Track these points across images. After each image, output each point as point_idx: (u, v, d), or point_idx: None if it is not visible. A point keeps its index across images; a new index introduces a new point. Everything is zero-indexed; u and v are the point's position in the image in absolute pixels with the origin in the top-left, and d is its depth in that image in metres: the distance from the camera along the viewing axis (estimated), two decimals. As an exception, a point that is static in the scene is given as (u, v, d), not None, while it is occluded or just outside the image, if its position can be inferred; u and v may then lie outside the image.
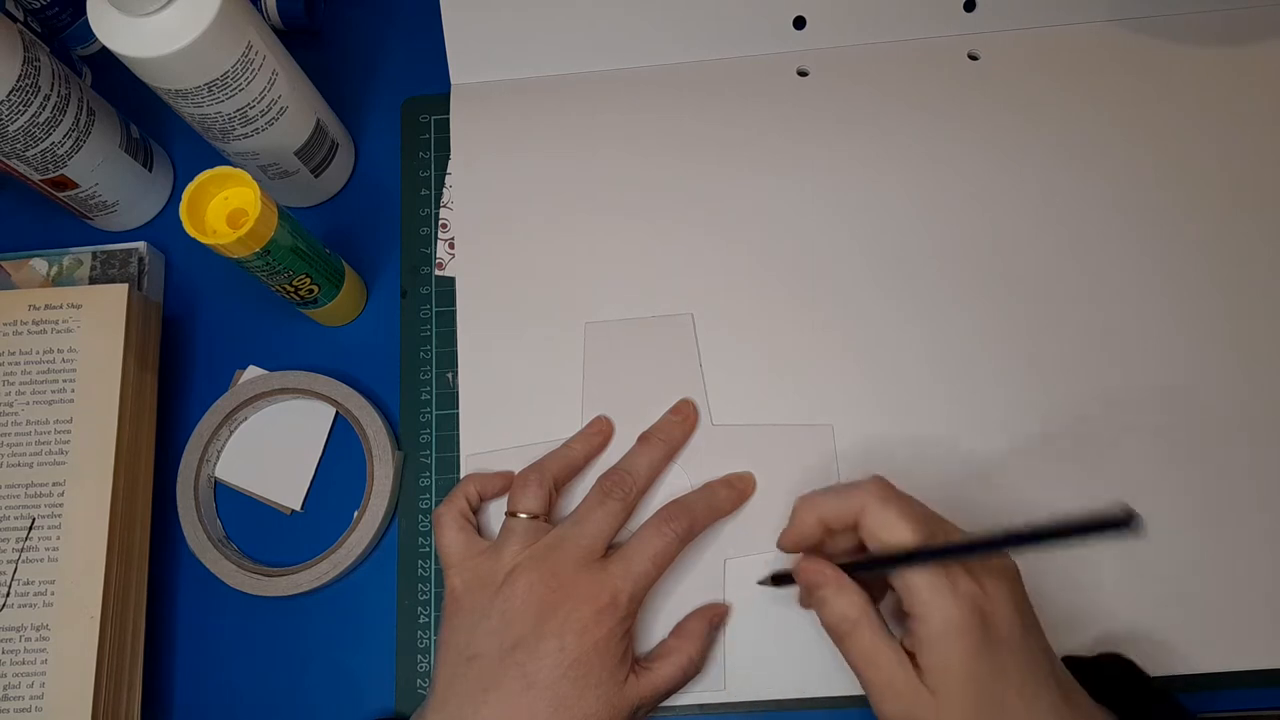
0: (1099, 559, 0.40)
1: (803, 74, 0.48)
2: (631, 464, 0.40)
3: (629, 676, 0.36)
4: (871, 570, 0.33)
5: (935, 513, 0.34)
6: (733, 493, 0.41)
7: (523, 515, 0.38)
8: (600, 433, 0.42)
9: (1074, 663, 0.37)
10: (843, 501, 0.34)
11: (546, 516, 0.39)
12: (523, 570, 0.36)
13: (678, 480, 0.42)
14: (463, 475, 0.43)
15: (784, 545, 0.37)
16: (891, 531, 0.32)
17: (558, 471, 0.40)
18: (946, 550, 0.31)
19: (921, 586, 0.31)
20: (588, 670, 0.35)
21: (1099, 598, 0.40)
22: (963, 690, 0.31)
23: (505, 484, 0.41)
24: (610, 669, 0.35)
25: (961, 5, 0.48)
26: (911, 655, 0.32)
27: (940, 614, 0.31)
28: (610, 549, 0.38)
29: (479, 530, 0.40)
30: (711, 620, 0.39)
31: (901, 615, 0.32)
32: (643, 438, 0.41)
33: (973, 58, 0.48)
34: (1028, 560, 0.40)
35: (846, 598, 0.33)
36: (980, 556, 0.31)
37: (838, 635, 0.33)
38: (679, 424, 0.42)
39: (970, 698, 0.31)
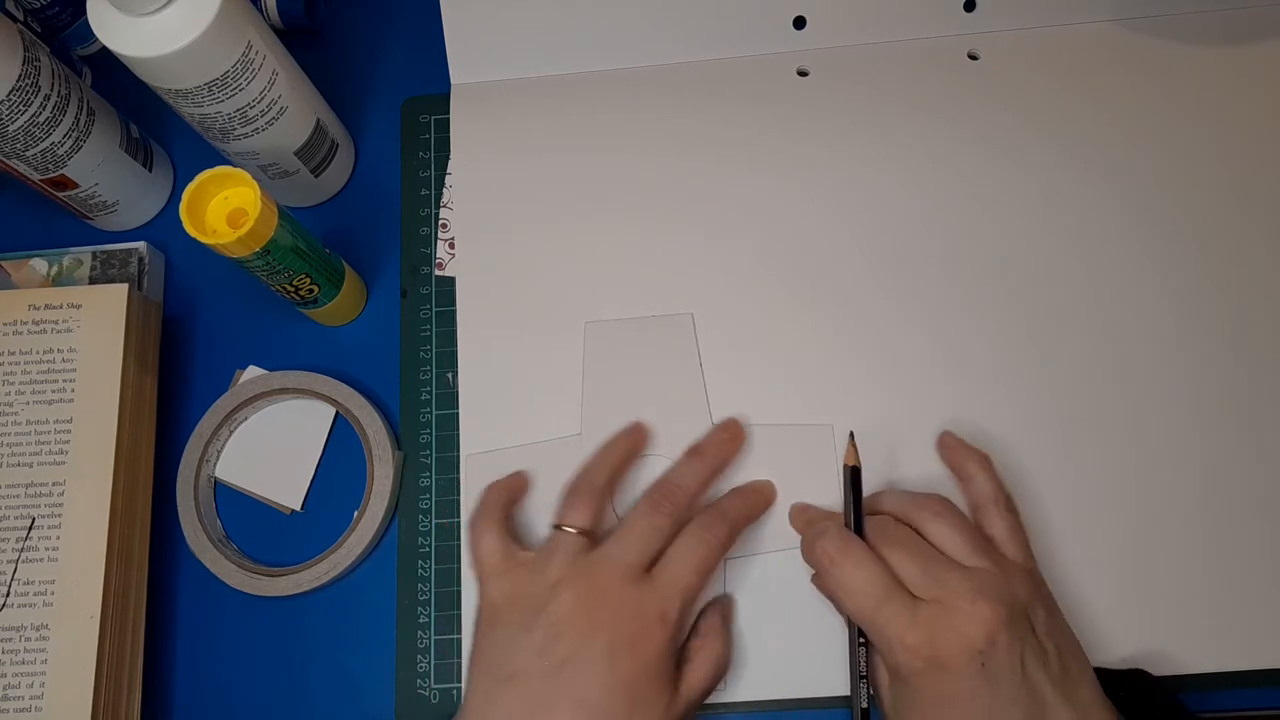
0: (1099, 558, 0.40)
1: (803, 74, 0.48)
2: (682, 478, 0.39)
3: (675, 691, 0.35)
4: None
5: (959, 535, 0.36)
6: (760, 499, 0.41)
7: (570, 529, 0.37)
8: (641, 436, 0.42)
9: (1102, 675, 0.37)
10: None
11: (594, 531, 0.38)
12: (568, 586, 0.35)
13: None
14: (463, 475, 0.43)
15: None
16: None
17: (606, 482, 0.39)
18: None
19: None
20: (640, 689, 0.34)
21: (1098, 597, 0.40)
22: None
23: (522, 488, 0.41)
24: (661, 685, 0.35)
25: (961, 5, 0.48)
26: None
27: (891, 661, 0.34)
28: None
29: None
30: (724, 614, 0.39)
31: None
32: (692, 451, 0.41)
33: (973, 58, 0.48)
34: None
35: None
36: None
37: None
38: (728, 442, 0.41)
39: None
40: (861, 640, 0.36)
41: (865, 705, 0.36)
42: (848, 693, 0.39)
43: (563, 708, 0.33)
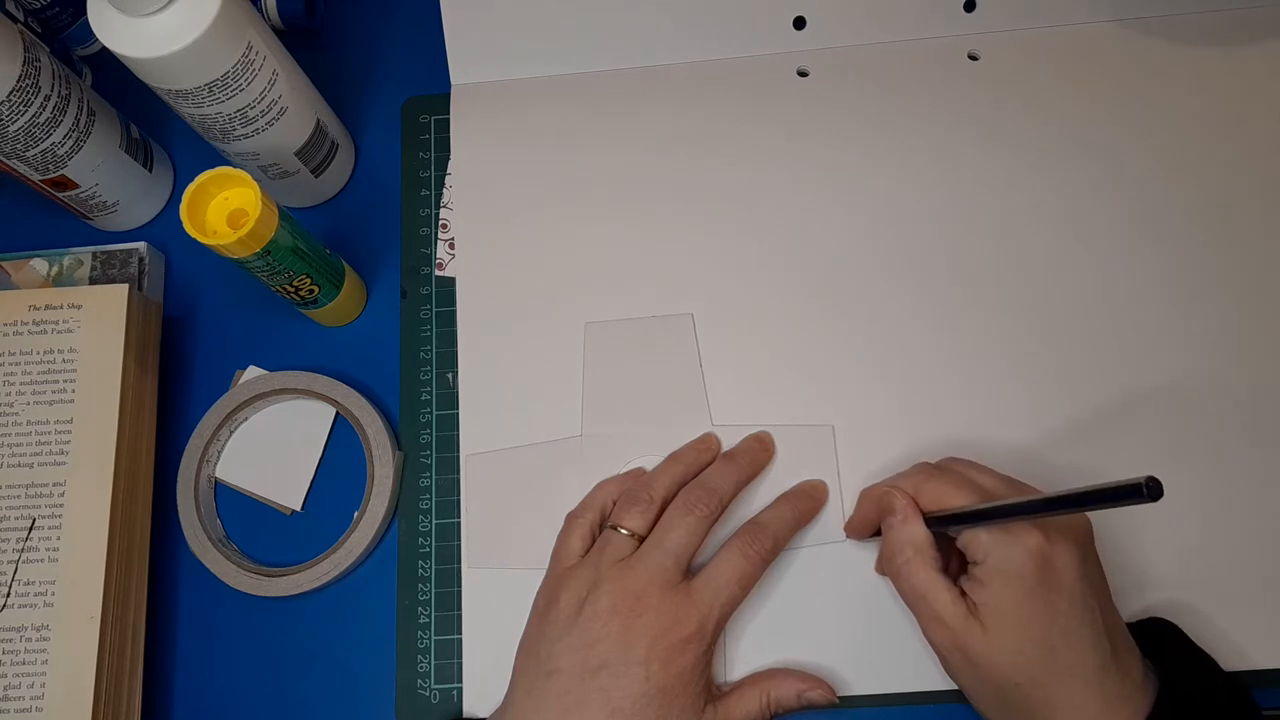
0: (1108, 559, 0.40)
1: (803, 74, 0.48)
2: (716, 481, 0.39)
3: (707, 706, 0.36)
4: (938, 526, 0.36)
5: (994, 478, 0.36)
6: (812, 503, 0.41)
7: (624, 531, 0.37)
8: (710, 449, 0.41)
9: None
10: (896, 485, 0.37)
11: (646, 536, 0.38)
12: (606, 588, 0.36)
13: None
14: (463, 475, 0.43)
15: (849, 532, 0.41)
16: (947, 498, 0.35)
17: (667, 491, 0.39)
18: (1000, 512, 0.33)
19: (983, 532, 0.34)
20: (672, 699, 0.34)
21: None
22: (1012, 625, 0.33)
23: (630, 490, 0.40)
24: (693, 698, 0.35)
25: (961, 5, 0.48)
26: (965, 595, 0.34)
27: (999, 554, 0.33)
28: (690, 570, 0.37)
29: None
30: (804, 687, 0.38)
31: (964, 571, 0.35)
32: (726, 456, 0.41)
33: (973, 58, 0.48)
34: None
35: (910, 529, 0.36)
36: (1027, 519, 0.33)
37: (896, 566, 0.36)
38: (761, 450, 0.41)
39: (1018, 633, 0.33)
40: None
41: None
42: (852, 692, 0.39)
43: (596, 712, 0.34)
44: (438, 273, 0.47)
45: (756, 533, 0.38)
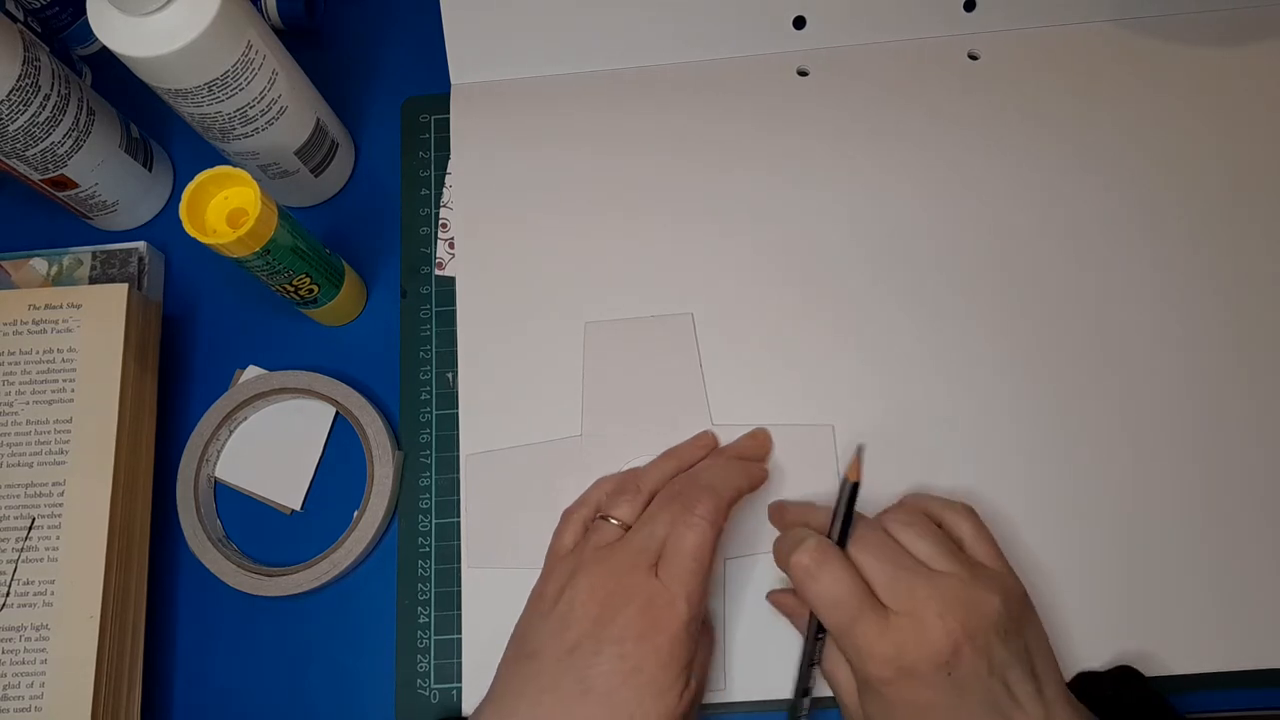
0: (1100, 561, 0.40)
1: (803, 74, 0.48)
2: (707, 474, 0.39)
3: (686, 685, 0.35)
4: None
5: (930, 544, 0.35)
6: (753, 446, 0.41)
7: (613, 521, 0.38)
8: (705, 446, 0.42)
9: (1088, 678, 0.37)
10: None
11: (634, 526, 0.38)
12: (585, 573, 0.36)
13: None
14: (463, 475, 0.43)
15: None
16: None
17: (656, 484, 0.39)
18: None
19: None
20: (648, 679, 0.34)
21: (1092, 595, 0.40)
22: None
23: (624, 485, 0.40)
24: (672, 677, 0.34)
25: (961, 5, 0.48)
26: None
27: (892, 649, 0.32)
28: None
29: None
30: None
31: None
32: (718, 452, 0.41)
33: (973, 58, 0.48)
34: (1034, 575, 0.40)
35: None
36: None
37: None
38: (754, 447, 0.42)
39: None
40: (819, 634, 0.36)
41: (810, 686, 0.36)
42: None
43: (569, 690, 0.34)
44: (438, 272, 0.47)
45: (695, 493, 0.37)
